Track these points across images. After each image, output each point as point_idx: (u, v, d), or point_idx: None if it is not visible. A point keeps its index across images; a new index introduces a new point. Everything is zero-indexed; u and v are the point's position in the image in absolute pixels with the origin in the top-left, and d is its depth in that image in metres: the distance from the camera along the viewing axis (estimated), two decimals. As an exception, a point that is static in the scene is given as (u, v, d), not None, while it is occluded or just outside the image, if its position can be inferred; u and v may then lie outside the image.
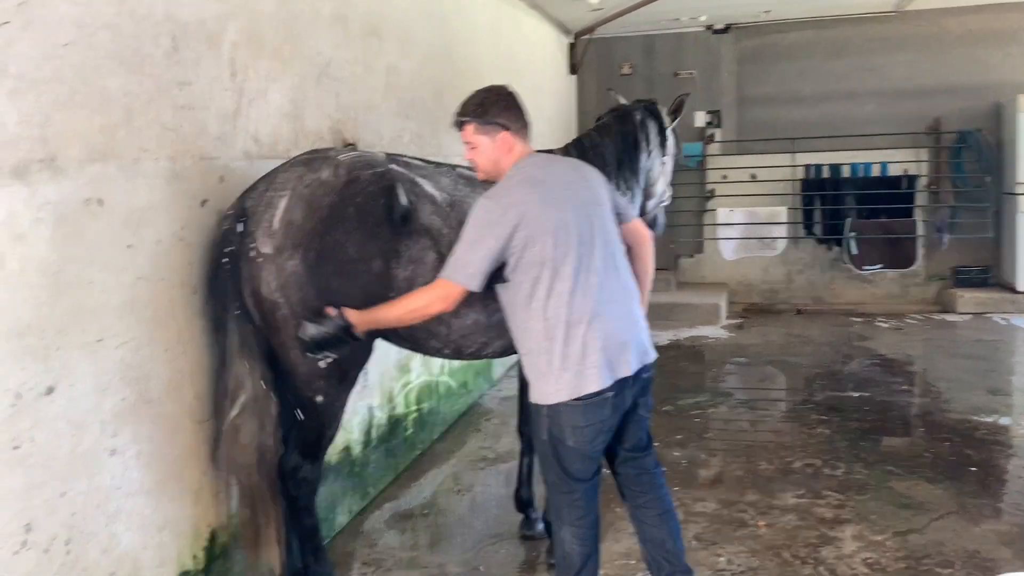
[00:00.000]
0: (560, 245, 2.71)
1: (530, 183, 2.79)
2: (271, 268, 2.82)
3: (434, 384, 5.34)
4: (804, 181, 9.68)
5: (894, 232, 9.23)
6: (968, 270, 9.35)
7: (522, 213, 2.70)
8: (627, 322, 2.83)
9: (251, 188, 2.96)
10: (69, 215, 2.40)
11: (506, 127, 2.87)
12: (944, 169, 9.46)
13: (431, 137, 5.22)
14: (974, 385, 6.27)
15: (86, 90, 2.46)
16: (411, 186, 3.11)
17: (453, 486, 4.67)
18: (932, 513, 4.08)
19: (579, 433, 2.77)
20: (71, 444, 2.43)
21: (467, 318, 3.21)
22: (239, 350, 2.89)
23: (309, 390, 2.99)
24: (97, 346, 2.51)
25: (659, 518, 3.02)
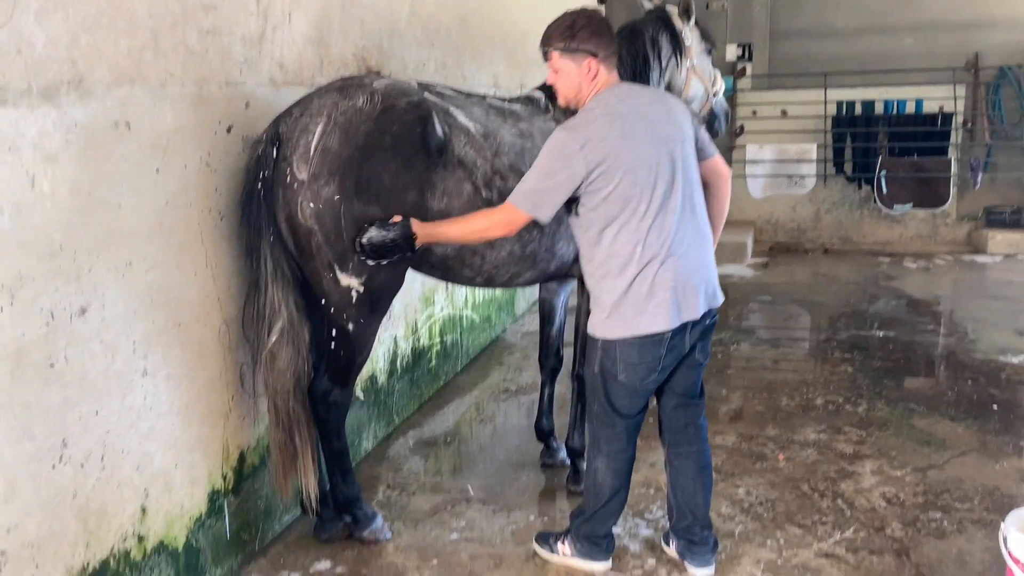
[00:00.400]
0: (638, 184, 2.66)
1: (612, 117, 2.69)
2: (307, 194, 2.84)
3: (458, 317, 5.38)
4: (835, 118, 9.49)
5: (926, 171, 9.06)
6: (1001, 210, 9.19)
7: (601, 150, 2.63)
8: (699, 264, 2.80)
9: (285, 113, 2.95)
10: (98, 137, 2.40)
11: (594, 53, 2.76)
12: (981, 106, 9.23)
13: (455, 67, 5.16)
14: (1001, 326, 6.22)
15: (112, 12, 2.44)
16: (445, 116, 3.09)
17: (476, 416, 4.74)
18: (953, 450, 4.10)
19: (632, 370, 2.78)
20: (104, 364, 2.48)
21: (503, 250, 3.24)
22: (273, 276, 2.92)
23: (341, 317, 3.02)
24: (127, 269, 2.54)
25: (697, 472, 3.03)
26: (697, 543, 3.05)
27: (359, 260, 2.91)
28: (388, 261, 2.91)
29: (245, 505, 3.19)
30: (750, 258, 9.05)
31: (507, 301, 6.40)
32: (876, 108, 9.41)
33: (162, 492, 2.75)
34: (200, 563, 2.94)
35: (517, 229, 2.79)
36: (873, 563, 3.13)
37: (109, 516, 2.52)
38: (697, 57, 3.92)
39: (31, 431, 2.23)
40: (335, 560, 3.21)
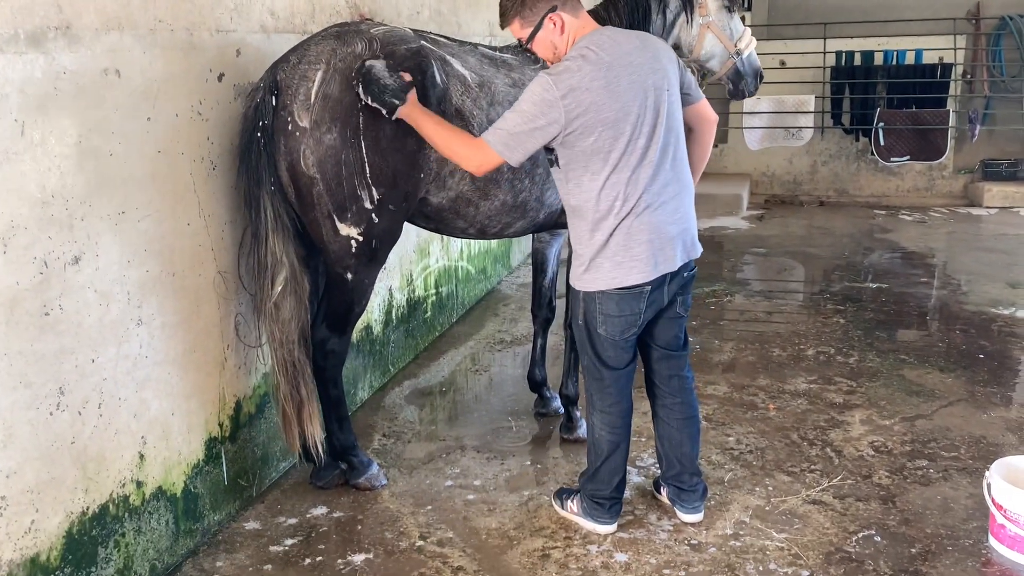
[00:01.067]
0: (619, 136, 2.62)
1: (596, 66, 2.61)
2: (309, 142, 2.83)
3: (453, 269, 5.39)
4: (834, 69, 9.40)
5: (923, 123, 9.01)
6: (998, 163, 9.17)
7: (583, 100, 2.58)
8: (677, 215, 2.77)
9: (282, 60, 2.93)
10: (88, 85, 2.38)
11: (552, 7, 2.69)
12: (981, 57, 9.14)
13: (450, 14, 5.09)
14: (994, 278, 6.26)
15: (99, -45, 2.40)
16: (443, 65, 3.08)
17: (471, 366, 4.77)
18: (941, 400, 4.15)
19: (610, 322, 2.79)
20: (99, 313, 2.49)
21: (496, 200, 3.26)
22: (274, 226, 2.92)
23: (340, 266, 3.04)
24: (120, 218, 2.54)
25: (682, 422, 3.05)
26: (686, 490, 3.10)
27: (359, 209, 2.91)
28: (370, 99, 2.82)
29: (242, 452, 3.23)
30: (745, 210, 9.04)
31: (502, 253, 6.41)
32: (875, 59, 9.33)
33: (159, 439, 2.78)
34: (198, 508, 2.99)
35: (486, 171, 2.75)
36: (859, 509, 3.19)
37: (107, 462, 2.55)
38: (715, 14, 3.72)
39: (28, 378, 2.25)
40: (331, 506, 3.26)
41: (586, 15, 2.78)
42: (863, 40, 9.25)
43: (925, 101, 9.10)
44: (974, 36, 9.14)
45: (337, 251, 3.01)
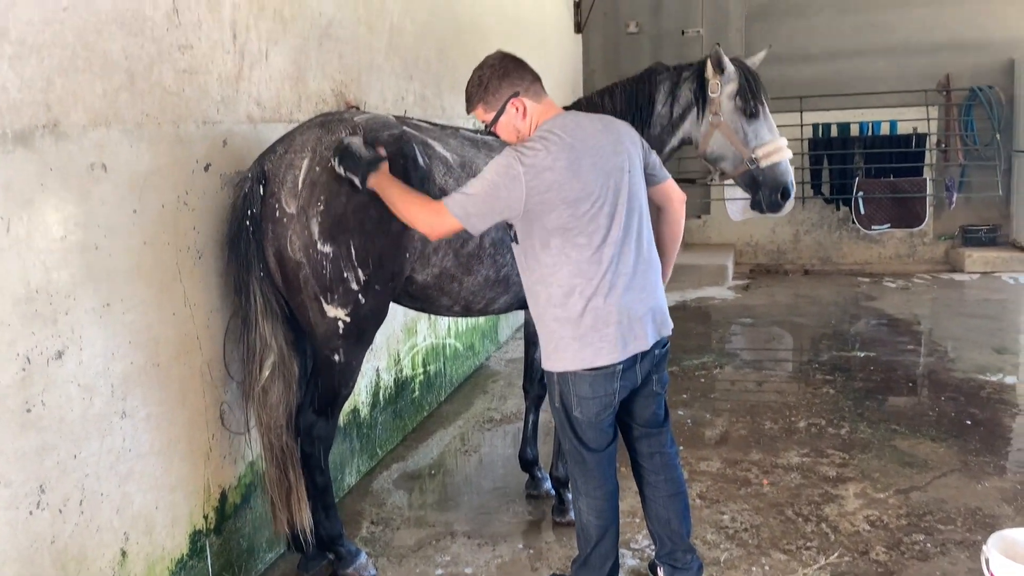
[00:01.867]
0: (580, 216, 2.64)
1: (559, 147, 2.64)
2: (296, 228, 2.89)
3: (440, 346, 5.37)
4: (812, 140, 9.60)
5: (902, 191, 9.16)
6: (976, 229, 9.31)
7: (545, 179, 2.60)
8: (645, 294, 2.76)
9: (269, 151, 3.01)
10: (74, 180, 2.40)
11: (514, 93, 2.76)
12: (954, 127, 9.36)
13: (435, 98, 5.19)
14: (980, 344, 6.28)
15: (87, 54, 2.45)
16: (425, 148, 3.16)
17: (460, 447, 4.72)
18: (935, 471, 4.12)
19: (584, 404, 2.76)
20: (82, 407, 2.46)
21: (478, 274, 3.30)
22: (263, 312, 2.96)
23: (327, 348, 3.06)
24: (105, 311, 2.53)
25: (669, 499, 3.01)
26: (680, 568, 3.04)
27: (345, 291, 2.95)
28: (343, 170, 2.86)
29: (227, 544, 3.16)
30: (731, 280, 9.11)
31: (490, 328, 6.40)
32: (852, 130, 9.54)
33: (143, 534, 2.72)
34: (182, 605, 2.91)
35: (442, 235, 2.77)
36: (858, 588, 3.13)
37: (88, 561, 2.49)
38: (727, 114, 3.60)
39: (7, 478, 2.21)
40: (319, 598, 3.18)
41: (549, 101, 2.84)
42: (839, 112, 9.47)
43: (902, 170, 9.28)
44: (945, 107, 9.38)
45: (324, 333, 3.02)
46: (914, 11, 9.36)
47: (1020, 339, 6.73)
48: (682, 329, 7.03)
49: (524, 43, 7.41)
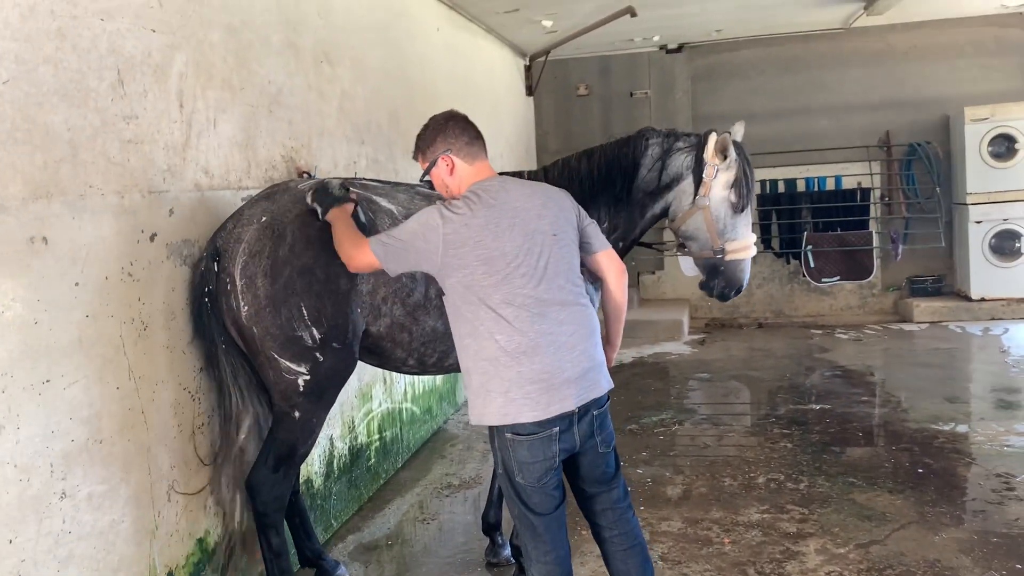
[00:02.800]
0: (494, 274, 2.67)
1: (479, 206, 2.73)
2: (247, 296, 2.99)
3: (397, 411, 5.29)
4: (760, 196, 9.81)
5: (850, 244, 9.38)
6: (923, 279, 9.54)
7: (460, 234, 2.68)
8: (572, 355, 2.72)
9: (221, 228, 3.13)
10: (12, 254, 2.34)
11: (446, 149, 2.86)
12: (896, 181, 9.66)
13: (387, 161, 5.21)
14: (932, 393, 6.37)
15: (27, 127, 2.41)
16: (368, 204, 3.29)
17: (418, 515, 4.62)
18: (893, 523, 4.13)
19: (526, 469, 2.72)
20: (18, 489, 2.36)
21: (425, 324, 3.35)
22: (234, 378, 3.13)
23: (287, 404, 3.11)
24: (44, 387, 2.45)
25: (625, 553, 2.93)
26: None
27: (302, 349, 3.06)
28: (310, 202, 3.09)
29: (174, 628, 3.03)
30: (687, 335, 9.17)
31: (447, 390, 6.34)
32: (798, 185, 9.78)
33: (82, 621, 2.59)
34: None
35: (358, 268, 2.91)
36: (823, 648, 3.09)
37: (23, 653, 2.36)
38: (716, 202, 3.49)
39: (-65, 568, 2.10)
40: None
41: (483, 164, 2.91)
42: (785, 168, 9.71)
43: (849, 224, 9.51)
44: (887, 162, 9.67)
45: (285, 389, 3.09)
46: (852, 71, 9.70)
47: (970, 388, 6.85)
48: (640, 385, 7.06)
49: (477, 106, 7.52)
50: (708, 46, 10.09)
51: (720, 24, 9.03)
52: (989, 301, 8.97)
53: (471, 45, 7.50)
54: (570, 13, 7.64)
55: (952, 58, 9.52)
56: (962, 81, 9.46)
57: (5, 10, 2.36)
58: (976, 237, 8.95)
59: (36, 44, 2.46)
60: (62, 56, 2.56)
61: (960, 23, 9.41)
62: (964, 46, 9.50)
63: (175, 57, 3.11)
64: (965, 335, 8.48)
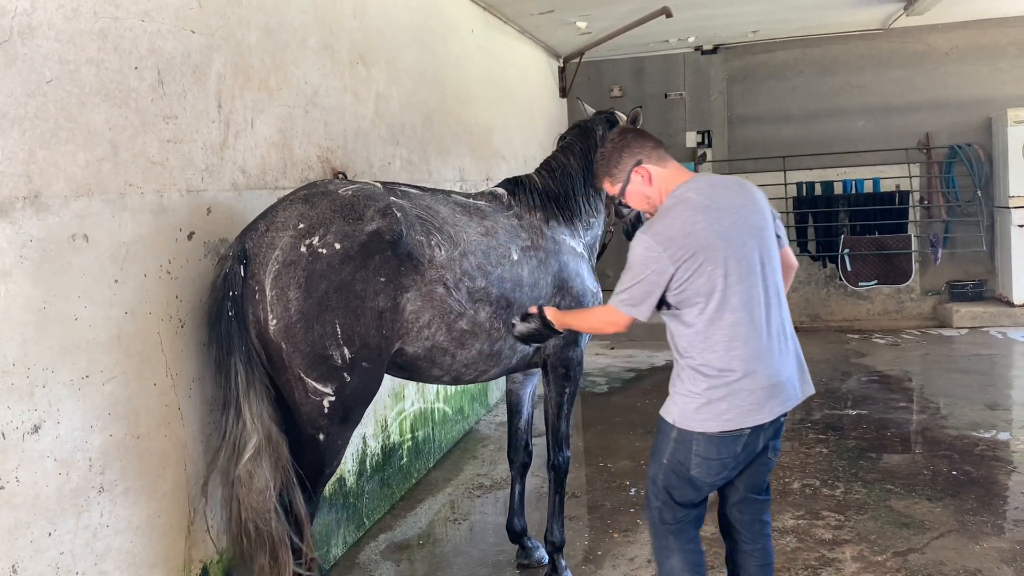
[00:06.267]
0: (730, 274, 2.61)
1: (695, 210, 2.65)
2: (277, 310, 2.79)
3: (429, 411, 5.31)
4: (796, 199, 9.71)
5: (888, 248, 9.25)
6: (963, 284, 9.36)
7: (687, 245, 2.60)
8: (786, 358, 2.72)
9: (251, 227, 2.92)
10: (54, 251, 2.38)
11: (637, 161, 2.78)
12: (936, 184, 9.50)
13: (421, 163, 5.23)
14: (972, 400, 6.25)
15: (70, 126, 2.45)
16: (414, 221, 3.07)
17: (450, 515, 4.62)
18: (932, 532, 4.05)
19: (706, 465, 2.70)
20: (58, 483, 2.40)
21: (472, 349, 3.24)
22: (246, 392, 2.84)
23: (312, 428, 2.94)
24: (84, 382, 2.49)
25: (760, 569, 2.91)
26: None
27: (330, 368, 2.87)
28: (541, 343, 3.16)
29: (208, 623, 3.06)
30: (721, 339, 9.08)
31: (480, 392, 6.34)
32: (835, 188, 9.66)
33: (119, 614, 2.63)
34: None
35: (626, 326, 2.80)
36: (859, 657, 3.04)
37: (61, 644, 2.40)
38: None
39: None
40: (303, 678, 3.06)
41: (675, 164, 2.83)
42: (822, 171, 9.61)
43: (887, 227, 9.38)
44: (927, 164, 9.52)
45: (310, 411, 2.91)
46: (892, 72, 9.57)
47: (1011, 395, 6.71)
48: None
49: (510, 108, 7.53)
50: (744, 47, 10.00)
51: (756, 25, 8.95)
52: (1032, 306, 8.79)
53: (505, 47, 7.51)
54: (605, 14, 7.61)
55: (994, 59, 9.35)
56: (1004, 82, 9.29)
57: (49, 11, 2.40)
58: (1019, 241, 8.77)
59: (79, 45, 2.50)
60: (104, 56, 2.59)
61: (1002, 23, 9.23)
62: (1007, 47, 9.32)
63: (214, 58, 3.15)
64: (1006, 341, 8.31)
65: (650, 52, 10.04)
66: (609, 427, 6.07)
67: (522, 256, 3.40)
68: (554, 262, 3.53)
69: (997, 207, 9.16)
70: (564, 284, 3.54)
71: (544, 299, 3.45)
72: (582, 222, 3.78)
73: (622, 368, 7.90)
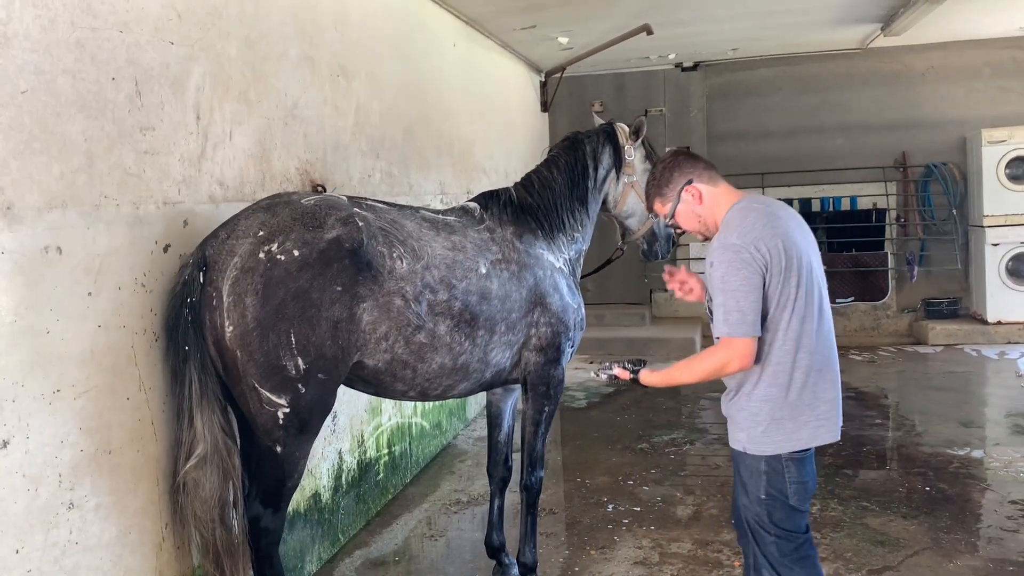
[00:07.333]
0: (801, 284, 2.57)
1: (766, 217, 2.62)
2: (234, 316, 2.78)
3: (406, 426, 5.28)
4: (775, 215, 9.77)
5: (864, 265, 9.34)
6: (938, 302, 9.47)
7: (771, 247, 2.55)
8: (837, 373, 2.72)
9: (212, 235, 2.90)
10: (26, 263, 2.35)
11: (688, 180, 2.76)
12: (912, 202, 9.62)
13: (401, 176, 5.22)
14: (947, 417, 6.31)
15: (45, 137, 2.42)
16: (376, 232, 3.06)
17: (426, 531, 4.59)
18: (907, 549, 4.07)
19: (802, 490, 2.65)
20: (27, 499, 2.35)
21: (432, 362, 3.20)
22: (199, 400, 2.82)
23: (268, 439, 2.92)
24: (55, 397, 2.45)
25: None
26: None
27: (284, 379, 2.84)
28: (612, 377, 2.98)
29: (179, 641, 3.01)
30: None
31: (458, 406, 6.32)
32: (813, 205, 9.75)
33: (87, 633, 2.58)
34: None
35: (751, 356, 2.58)
36: (835, 676, 3.04)
37: (27, 665, 2.35)
38: (639, 175, 3.88)
39: (-58, 577, 2.09)
40: None
41: (726, 184, 2.81)
42: (800, 188, 9.69)
43: (864, 244, 9.47)
44: (903, 183, 9.63)
45: (265, 423, 2.89)
46: (869, 91, 9.69)
47: (985, 412, 6.78)
48: (651, 404, 7.02)
49: (492, 122, 7.54)
50: (724, 64, 10.09)
51: (736, 43, 9.04)
52: (1005, 324, 8.90)
53: (487, 61, 7.53)
54: (586, 30, 7.66)
55: (970, 80, 9.50)
56: (980, 103, 9.43)
57: (25, 22, 2.37)
58: (993, 260, 8.89)
59: (55, 55, 2.47)
60: (81, 67, 2.57)
61: (978, 45, 9.38)
62: (982, 68, 9.47)
63: (193, 69, 3.13)
64: (981, 358, 8.40)
65: (631, 68, 10.11)
66: (587, 442, 6.06)
67: (491, 269, 3.38)
68: (529, 276, 3.51)
69: (972, 226, 9.29)
70: (542, 299, 3.52)
71: (518, 312, 3.42)
72: (565, 236, 3.76)
73: (601, 383, 7.89)
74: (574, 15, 7.00)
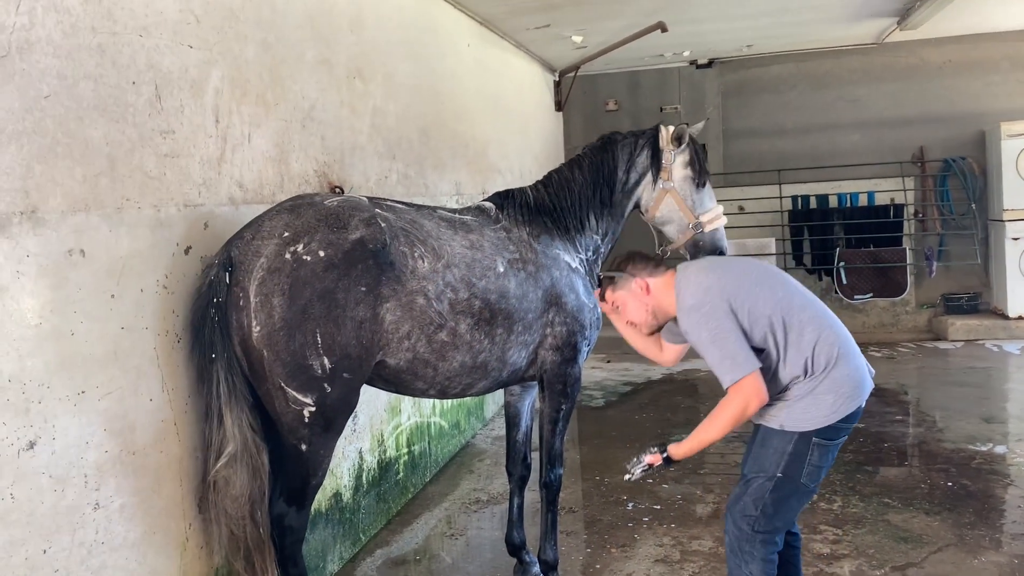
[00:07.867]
0: (777, 284, 2.88)
1: (708, 270, 2.94)
2: (260, 316, 2.80)
3: (425, 425, 5.29)
4: (791, 212, 9.74)
5: (883, 261, 9.27)
6: (958, 297, 9.39)
7: (725, 289, 2.81)
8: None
9: (237, 236, 2.93)
10: (51, 266, 2.38)
11: (632, 274, 3.06)
12: (930, 197, 9.54)
13: (418, 177, 5.24)
14: (968, 413, 6.25)
15: (68, 141, 2.45)
16: (397, 232, 3.09)
17: (446, 530, 4.60)
18: (930, 546, 4.04)
19: (815, 473, 2.83)
20: (53, 499, 2.38)
21: (453, 361, 3.22)
22: (227, 400, 2.86)
23: (294, 438, 2.95)
24: (80, 398, 2.48)
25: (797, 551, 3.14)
26: None
27: (310, 378, 2.87)
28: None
29: (203, 640, 3.03)
30: (717, 352, 9.07)
31: (476, 405, 6.33)
32: (830, 201, 9.69)
33: (114, 632, 2.61)
34: None
35: (762, 387, 2.74)
36: (859, 673, 3.03)
37: (55, 663, 2.37)
38: (678, 182, 3.80)
39: (-28, 577, 2.12)
40: None
41: (665, 270, 3.09)
42: (816, 184, 9.64)
43: (882, 240, 9.41)
44: (921, 178, 9.56)
45: (291, 421, 2.92)
46: (885, 86, 9.62)
47: (1007, 408, 6.71)
48: (669, 403, 7.00)
49: (506, 122, 7.55)
50: (739, 61, 10.05)
51: (751, 39, 9.00)
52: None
53: (501, 61, 7.53)
54: (600, 29, 7.65)
55: (987, 73, 9.41)
56: (998, 96, 9.35)
57: (48, 27, 2.40)
58: (1013, 254, 8.81)
59: (77, 60, 2.50)
60: (102, 72, 2.60)
61: (995, 37, 9.30)
62: (1000, 61, 9.38)
63: (211, 72, 3.15)
64: (1001, 354, 8.33)
65: (645, 66, 10.09)
66: (606, 441, 6.05)
67: (508, 268, 3.39)
68: (546, 277, 3.51)
69: (991, 220, 9.20)
70: (558, 299, 3.52)
71: (534, 313, 3.43)
72: (583, 236, 3.76)
73: (618, 382, 7.89)
74: (588, 14, 7.00)
